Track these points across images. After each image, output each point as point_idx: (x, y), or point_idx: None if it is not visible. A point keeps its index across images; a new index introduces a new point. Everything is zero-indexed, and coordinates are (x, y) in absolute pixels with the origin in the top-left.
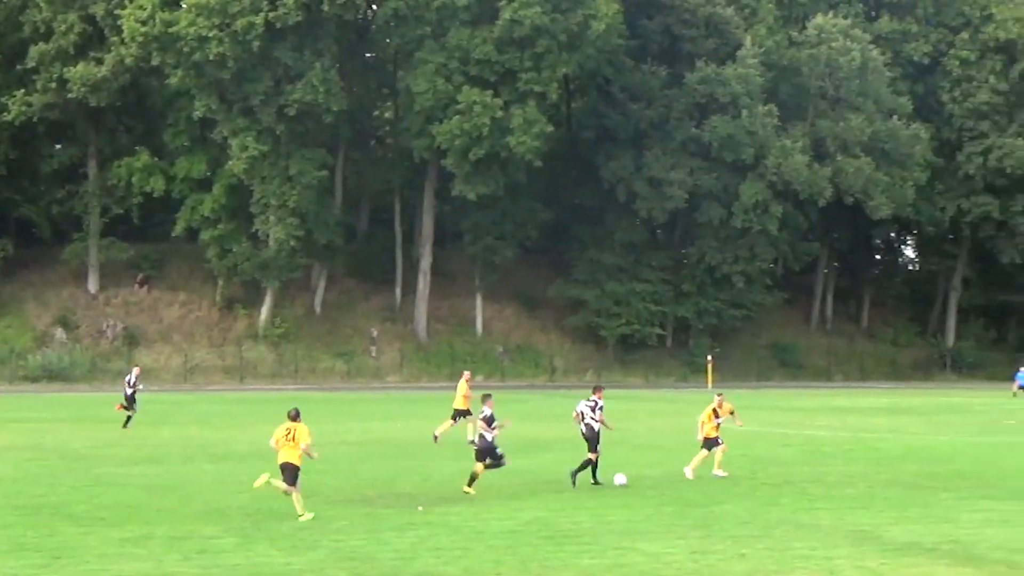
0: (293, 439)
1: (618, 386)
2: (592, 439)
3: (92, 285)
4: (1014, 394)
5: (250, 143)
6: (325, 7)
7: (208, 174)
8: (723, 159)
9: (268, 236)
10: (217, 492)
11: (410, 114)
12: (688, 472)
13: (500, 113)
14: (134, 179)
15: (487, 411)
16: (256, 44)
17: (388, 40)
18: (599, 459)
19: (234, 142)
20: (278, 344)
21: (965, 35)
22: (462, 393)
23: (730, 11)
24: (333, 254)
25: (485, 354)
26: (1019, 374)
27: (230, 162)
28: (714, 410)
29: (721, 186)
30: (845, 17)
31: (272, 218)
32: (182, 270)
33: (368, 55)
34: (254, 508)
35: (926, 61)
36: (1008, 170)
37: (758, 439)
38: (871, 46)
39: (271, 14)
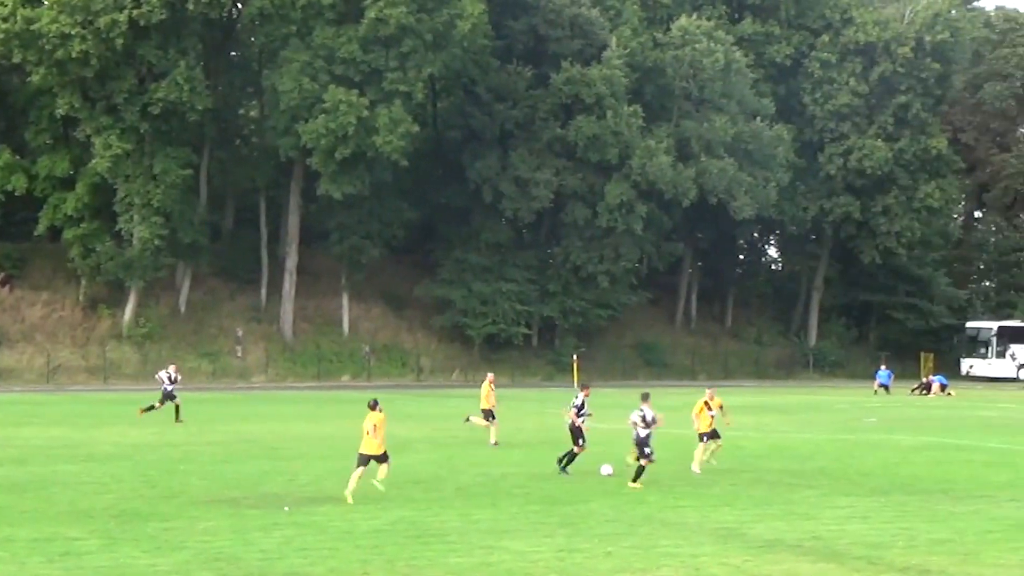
0: (374, 431)
1: None
2: (575, 432)
3: None
4: (875, 392)
5: (114, 141)
6: (190, 5)
7: (71, 172)
8: (588, 159)
9: (132, 235)
10: (81, 493)
11: (275, 113)
12: (695, 468)
13: (366, 112)
14: None
15: (646, 410)
16: (119, 42)
17: (253, 39)
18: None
19: (97, 140)
20: (142, 344)
21: (826, 38)
22: (484, 395)
23: (595, 12)
24: (198, 253)
25: (351, 354)
26: (879, 372)
27: (93, 160)
28: (706, 403)
29: (586, 186)
30: (709, 19)
31: (136, 217)
32: (45, 269)
33: (233, 54)
34: (119, 509)
35: (788, 63)
36: (868, 171)
37: (624, 437)
38: (734, 48)
39: (135, 12)
